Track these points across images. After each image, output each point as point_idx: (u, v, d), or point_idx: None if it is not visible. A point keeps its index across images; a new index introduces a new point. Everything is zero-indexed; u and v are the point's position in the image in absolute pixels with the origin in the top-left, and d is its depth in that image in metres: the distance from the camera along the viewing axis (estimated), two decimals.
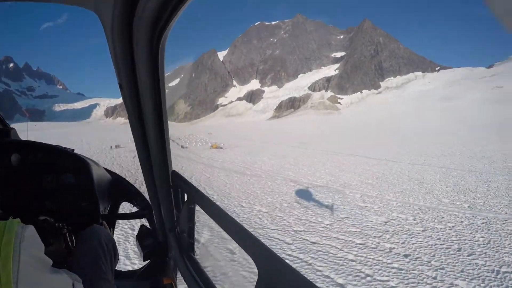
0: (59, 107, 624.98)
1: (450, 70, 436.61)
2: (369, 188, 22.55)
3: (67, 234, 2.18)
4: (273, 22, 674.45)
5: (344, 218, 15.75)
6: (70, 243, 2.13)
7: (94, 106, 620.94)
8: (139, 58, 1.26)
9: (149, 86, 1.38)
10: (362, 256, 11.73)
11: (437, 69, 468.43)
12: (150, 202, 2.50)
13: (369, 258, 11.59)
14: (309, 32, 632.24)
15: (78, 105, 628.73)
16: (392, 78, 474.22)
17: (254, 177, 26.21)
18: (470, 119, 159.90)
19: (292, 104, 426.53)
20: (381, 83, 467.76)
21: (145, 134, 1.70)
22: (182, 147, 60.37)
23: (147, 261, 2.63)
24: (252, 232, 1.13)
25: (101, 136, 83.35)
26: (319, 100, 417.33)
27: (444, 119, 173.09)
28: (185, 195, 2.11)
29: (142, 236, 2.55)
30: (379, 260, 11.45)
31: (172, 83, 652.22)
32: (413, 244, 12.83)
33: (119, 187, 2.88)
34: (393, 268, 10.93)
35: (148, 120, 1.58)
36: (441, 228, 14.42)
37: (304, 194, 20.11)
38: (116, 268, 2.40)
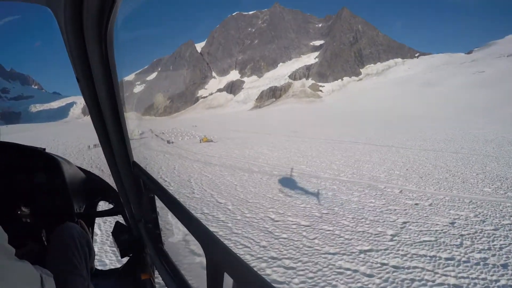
0: (35, 107, 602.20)
1: (430, 56, 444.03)
2: (402, 180, 19.27)
3: (42, 234, 2.17)
4: (251, 12, 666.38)
5: (406, 223, 12.43)
6: (46, 243, 2.12)
7: (71, 104, 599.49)
8: (91, 49, 1.26)
9: (103, 77, 1.39)
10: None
11: (416, 55, 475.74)
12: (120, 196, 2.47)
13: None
14: (287, 21, 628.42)
15: (55, 104, 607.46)
16: (372, 65, 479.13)
17: (266, 175, 22.41)
18: (456, 103, 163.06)
19: (273, 94, 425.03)
20: (361, 70, 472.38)
21: (105, 125, 1.70)
22: (168, 142, 55.90)
23: (127, 258, 2.60)
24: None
25: (79, 135, 77.65)
26: (300, 88, 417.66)
27: (430, 103, 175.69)
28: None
29: (118, 233, 2.51)
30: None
31: (150, 77, 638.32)
32: (501, 249, 10.21)
33: (93, 185, 2.84)
34: None
35: (105, 111, 1.59)
36: (508, 223, 12.06)
37: (342, 196, 16.52)
38: (97, 268, 2.46)
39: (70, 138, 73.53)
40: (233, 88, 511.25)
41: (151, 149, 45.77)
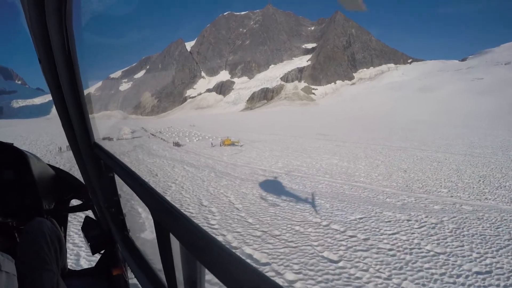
0: (18, 103, 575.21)
1: (423, 63, 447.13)
2: (459, 191, 18.25)
3: (14, 231, 2.17)
4: (243, 12, 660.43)
5: None
6: (17, 240, 2.12)
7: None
8: (52, 29, 1.26)
9: (63, 57, 1.39)
10: None
11: (409, 61, 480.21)
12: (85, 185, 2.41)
13: None
14: (280, 22, 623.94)
15: (38, 100, 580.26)
16: (365, 69, 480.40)
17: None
18: (459, 109, 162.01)
19: (265, 95, 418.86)
20: (354, 74, 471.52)
21: (66, 108, 1.69)
22: (177, 145, 45.08)
23: (100, 255, 2.55)
24: None
25: (55, 133, 66.96)
26: (293, 91, 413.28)
27: (431, 109, 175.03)
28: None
29: (87, 228, 2.46)
30: None
31: (137, 75, 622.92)
32: None
33: (64, 183, 2.77)
34: None
35: (66, 93, 1.58)
36: None
37: None
38: (70, 268, 2.44)
39: (43, 136, 64.00)
40: (222, 88, 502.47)
41: (154, 155, 35.36)
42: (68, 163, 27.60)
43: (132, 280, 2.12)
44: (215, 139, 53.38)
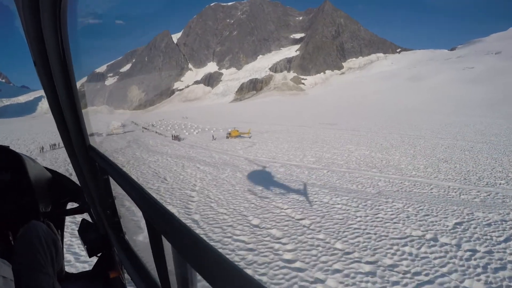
0: (2, 102, 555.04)
1: (412, 52, 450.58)
2: None
3: (9, 233, 2.17)
4: (230, 3, 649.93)
5: None
6: (12, 242, 2.12)
7: (39, 99, 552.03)
8: (47, 32, 1.26)
9: (58, 60, 1.38)
10: None
11: (398, 50, 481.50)
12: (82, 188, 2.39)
13: None
14: (267, 13, 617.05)
15: (23, 98, 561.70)
16: (354, 59, 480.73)
17: None
18: (451, 98, 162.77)
19: (254, 86, 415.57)
20: (343, 63, 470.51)
21: (61, 111, 1.68)
22: (177, 138, 41.16)
23: (97, 258, 2.53)
24: None
25: (39, 131, 64.48)
26: (282, 81, 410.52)
27: (424, 98, 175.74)
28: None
29: (84, 231, 2.44)
30: None
31: (123, 69, 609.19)
32: None
33: (60, 186, 2.77)
34: None
35: (61, 95, 1.58)
36: None
37: None
38: (67, 271, 2.45)
39: (25, 135, 61.63)
40: (210, 80, 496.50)
41: (155, 151, 31.44)
42: (50, 165, 23.37)
43: (129, 282, 2.11)
44: (216, 131, 49.74)
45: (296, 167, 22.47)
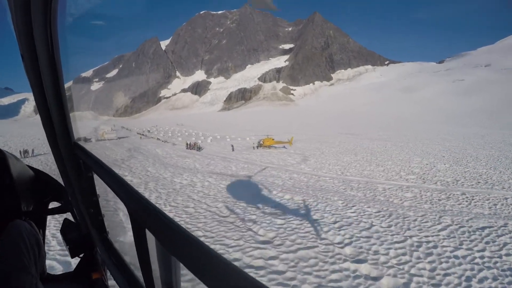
0: None
1: (400, 64, 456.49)
2: None
3: None
4: (219, 12, 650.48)
5: None
6: None
7: (22, 101, 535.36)
8: (36, 25, 1.25)
9: (46, 55, 1.38)
10: None
11: (386, 63, 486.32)
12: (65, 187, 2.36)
13: None
14: (257, 23, 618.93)
15: (5, 100, 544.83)
16: (343, 70, 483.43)
17: None
18: (443, 109, 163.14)
19: (242, 96, 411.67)
20: (332, 75, 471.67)
21: (47, 106, 1.67)
22: (195, 148, 34.89)
23: (79, 259, 2.48)
24: None
25: (17, 134, 60.77)
26: (272, 91, 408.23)
27: (416, 109, 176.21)
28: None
29: (66, 231, 2.40)
30: None
31: (110, 74, 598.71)
32: None
33: (43, 184, 2.69)
34: None
35: (48, 90, 1.56)
36: None
37: None
38: (49, 272, 2.42)
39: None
40: (198, 88, 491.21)
41: (173, 165, 24.46)
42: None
43: (112, 282, 2.07)
44: (233, 139, 43.96)
45: (380, 184, 17.17)
